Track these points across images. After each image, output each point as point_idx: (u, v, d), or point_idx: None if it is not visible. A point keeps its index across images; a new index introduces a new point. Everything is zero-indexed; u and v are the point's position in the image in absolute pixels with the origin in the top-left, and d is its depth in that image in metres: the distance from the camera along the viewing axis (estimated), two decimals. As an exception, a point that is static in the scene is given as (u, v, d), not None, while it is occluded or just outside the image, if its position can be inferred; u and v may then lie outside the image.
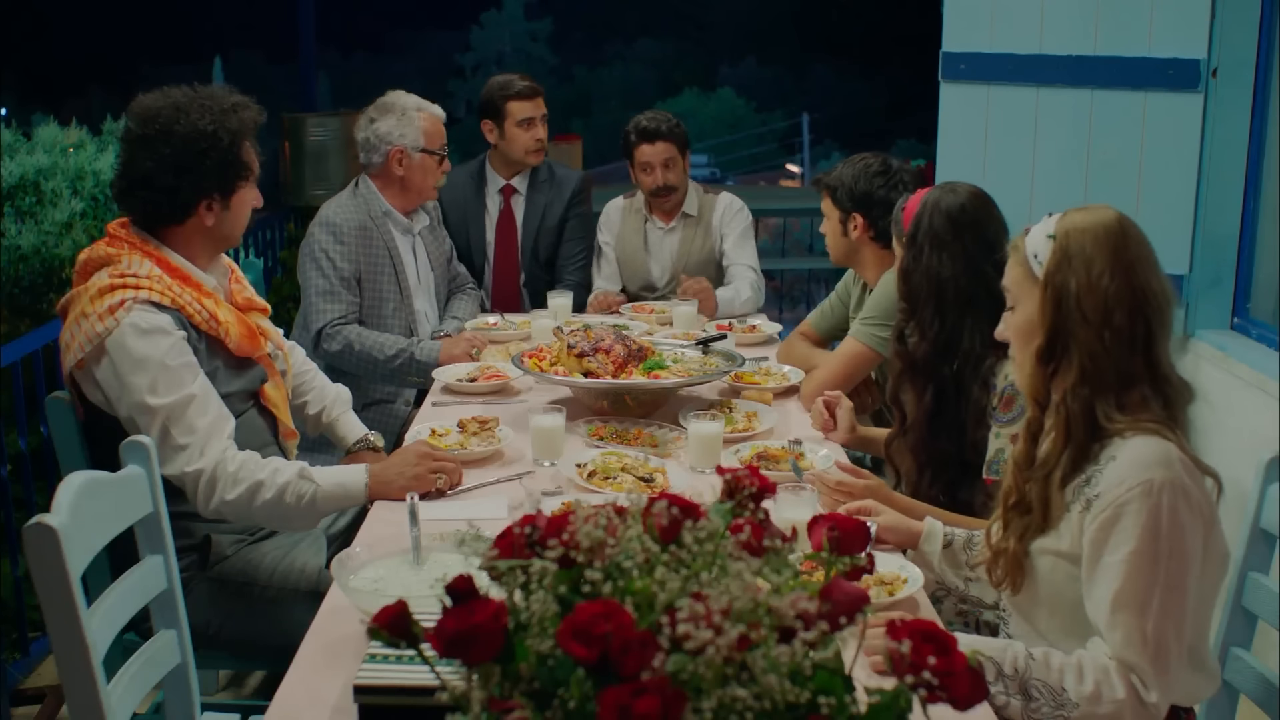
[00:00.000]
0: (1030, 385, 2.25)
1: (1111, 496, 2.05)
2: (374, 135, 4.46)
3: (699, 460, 3.06)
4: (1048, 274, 2.18)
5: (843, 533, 1.54)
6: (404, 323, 4.45)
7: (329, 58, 18.50)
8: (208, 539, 2.95)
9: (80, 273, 2.94)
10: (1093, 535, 2.07)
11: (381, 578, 2.33)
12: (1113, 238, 2.14)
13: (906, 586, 2.37)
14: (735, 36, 44.14)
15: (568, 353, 3.51)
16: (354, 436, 3.52)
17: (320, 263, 4.29)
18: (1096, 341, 2.12)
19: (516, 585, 1.36)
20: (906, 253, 3.04)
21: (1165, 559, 2.01)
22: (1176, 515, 2.02)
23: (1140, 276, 2.13)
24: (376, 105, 4.54)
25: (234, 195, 3.01)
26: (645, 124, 5.03)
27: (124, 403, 2.80)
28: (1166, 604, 2.01)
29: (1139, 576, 2.01)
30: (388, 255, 4.41)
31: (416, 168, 4.47)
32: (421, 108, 4.52)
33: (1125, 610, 2.02)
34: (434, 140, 4.50)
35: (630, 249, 5.21)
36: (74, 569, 2.06)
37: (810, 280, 9.50)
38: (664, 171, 5.01)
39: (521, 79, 5.17)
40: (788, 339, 4.21)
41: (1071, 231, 2.17)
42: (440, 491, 2.92)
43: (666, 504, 1.39)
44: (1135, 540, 2.02)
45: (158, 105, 2.96)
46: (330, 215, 4.37)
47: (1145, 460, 2.06)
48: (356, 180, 4.55)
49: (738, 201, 5.21)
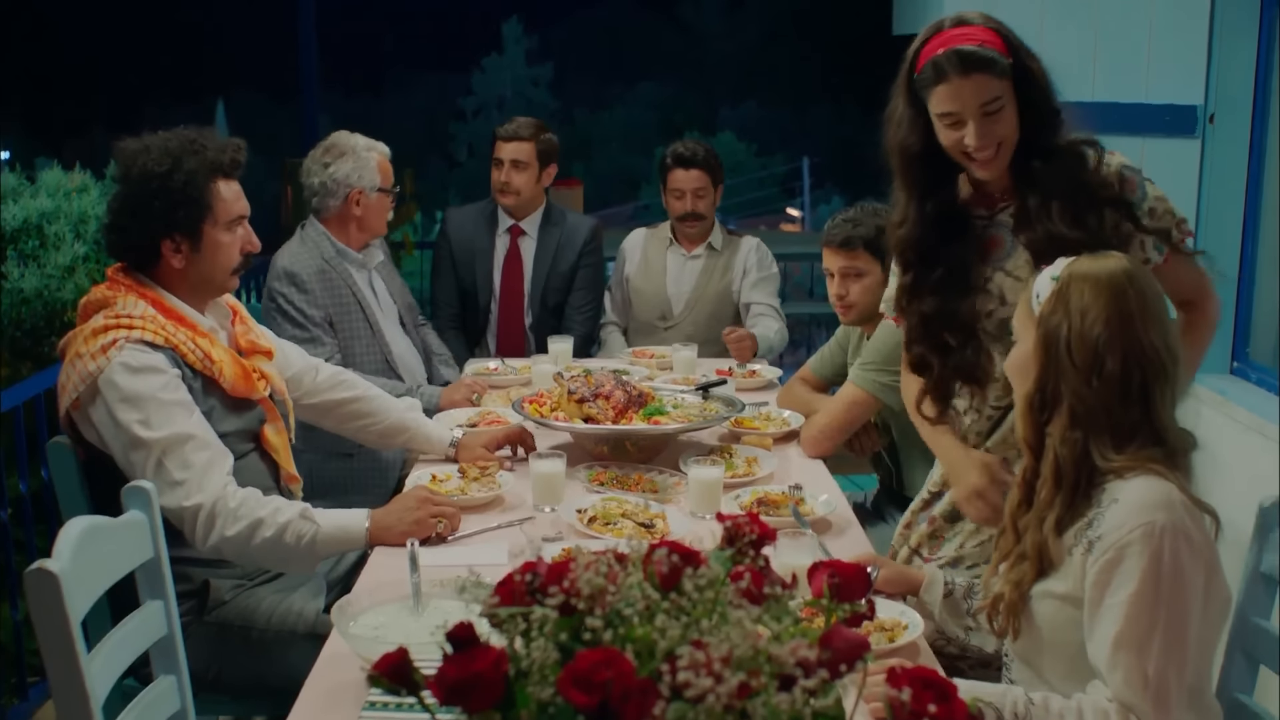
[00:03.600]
0: (1023, 431, 2.25)
1: (1113, 539, 2.04)
2: (330, 180, 4.42)
3: (699, 506, 3.06)
4: (1041, 315, 2.19)
5: (843, 579, 1.54)
6: (378, 357, 4.40)
7: (331, 99, 18.63)
8: (206, 584, 2.95)
9: (81, 316, 2.96)
10: (1095, 577, 2.07)
11: (382, 624, 2.33)
12: (1114, 286, 2.13)
13: (907, 632, 2.36)
14: (735, 80, 44.36)
15: (568, 398, 3.51)
16: (441, 440, 3.59)
17: (290, 314, 4.24)
18: (1084, 386, 2.12)
19: (517, 632, 1.36)
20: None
21: (1166, 601, 2.00)
22: (1178, 558, 2.01)
23: (1137, 329, 2.12)
24: (326, 149, 4.50)
25: (202, 236, 2.98)
26: (681, 150, 5.14)
27: (118, 440, 2.80)
28: (1168, 645, 2.00)
29: (1140, 618, 2.00)
30: (350, 294, 4.37)
31: (374, 206, 4.46)
32: (372, 147, 4.51)
33: (1126, 651, 2.01)
34: (387, 178, 4.51)
35: (650, 273, 5.27)
36: (75, 614, 2.06)
37: (811, 325, 9.52)
38: (694, 199, 5.10)
39: (515, 122, 5.23)
40: (788, 384, 4.21)
41: (1074, 276, 2.17)
42: (441, 537, 2.91)
43: (667, 551, 1.40)
44: (1136, 582, 2.01)
45: (129, 149, 2.98)
46: (287, 265, 4.30)
47: (1147, 502, 2.05)
48: (302, 225, 4.51)
49: (763, 247, 5.26)
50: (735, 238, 5.27)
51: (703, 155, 5.11)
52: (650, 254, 5.29)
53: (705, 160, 5.11)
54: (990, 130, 2.61)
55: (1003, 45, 2.61)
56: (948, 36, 2.61)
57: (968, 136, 2.61)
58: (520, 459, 3.52)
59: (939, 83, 2.61)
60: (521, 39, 44.66)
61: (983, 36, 2.60)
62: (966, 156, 2.68)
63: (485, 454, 3.48)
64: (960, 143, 2.64)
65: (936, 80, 2.61)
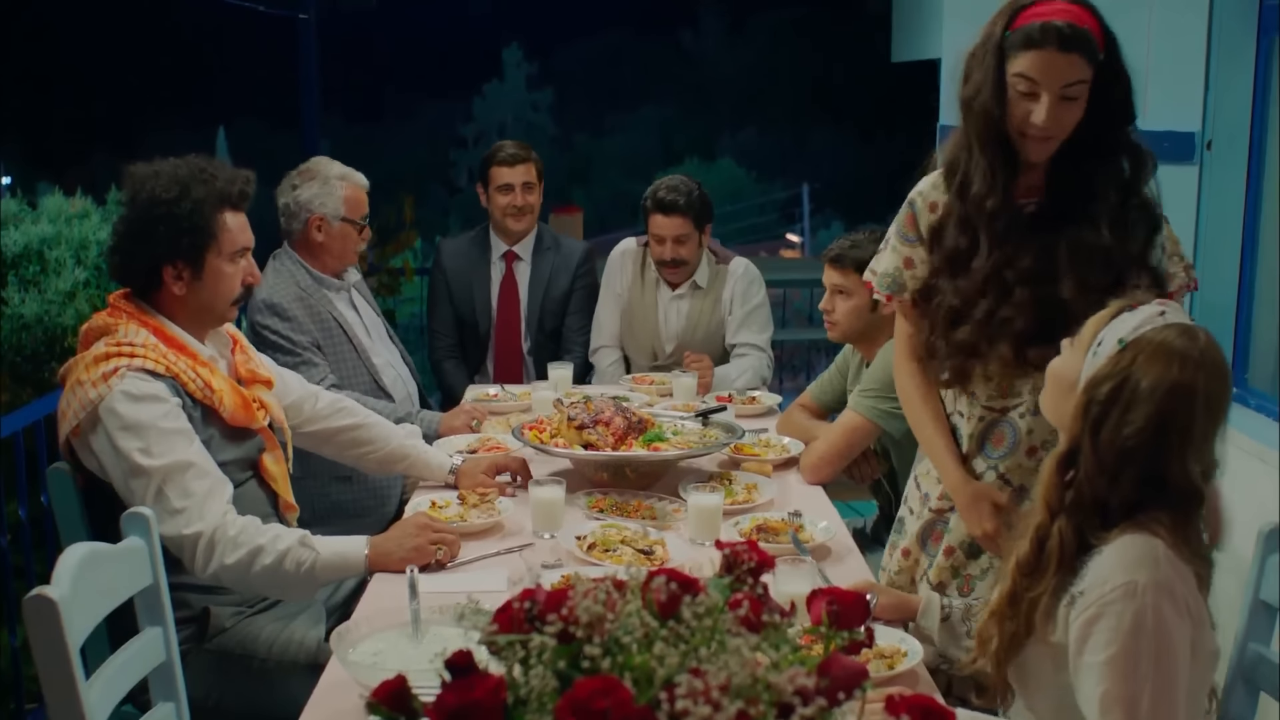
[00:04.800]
0: (1045, 492, 2.13)
1: (1095, 595, 1.98)
2: (294, 202, 4.43)
3: (699, 532, 3.06)
4: (1093, 380, 2.07)
5: (841, 607, 1.55)
6: (365, 378, 4.40)
7: (331, 125, 18.71)
8: (206, 611, 2.94)
9: (82, 343, 2.97)
10: (1077, 631, 2.01)
11: (381, 651, 2.33)
12: (1174, 389, 1.99)
13: (906, 660, 2.36)
14: (736, 106, 44.48)
15: (568, 425, 3.51)
16: (441, 466, 3.59)
17: (278, 343, 4.21)
18: (1101, 477, 2.04)
19: (516, 660, 1.36)
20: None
21: (1153, 658, 1.94)
22: (1161, 614, 1.95)
23: (1173, 450, 2.00)
24: (300, 171, 4.50)
25: (205, 265, 3.00)
26: (662, 194, 4.85)
27: (118, 468, 2.80)
28: (1157, 703, 1.93)
29: (1128, 677, 1.94)
30: (333, 320, 4.37)
31: (336, 235, 4.43)
32: (345, 176, 4.49)
33: (1116, 711, 1.94)
34: (355, 209, 4.47)
35: (642, 308, 5.09)
36: (74, 641, 2.06)
37: (811, 350, 9.52)
38: (674, 246, 4.87)
39: (511, 145, 5.23)
40: (787, 410, 4.21)
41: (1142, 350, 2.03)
42: (440, 564, 2.91)
43: (665, 579, 1.40)
44: (1118, 643, 1.95)
45: (139, 173, 3.00)
46: (267, 297, 4.26)
47: (1129, 560, 1.99)
48: (275, 255, 4.49)
49: (751, 270, 5.08)
50: (722, 266, 5.05)
51: (684, 201, 4.81)
52: (644, 285, 5.09)
53: (688, 205, 4.82)
54: (1062, 114, 2.55)
55: (1100, 34, 2.56)
56: (1054, 8, 2.54)
57: (1038, 112, 2.55)
58: (519, 485, 3.52)
59: (1033, 48, 2.53)
60: (522, 65, 44.77)
61: (1086, 20, 2.54)
62: (1023, 134, 2.61)
63: (485, 480, 3.48)
64: (1028, 116, 2.57)
65: (1032, 45, 2.53)
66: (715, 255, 5.11)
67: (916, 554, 2.96)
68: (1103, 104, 2.59)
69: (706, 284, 5.04)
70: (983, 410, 2.80)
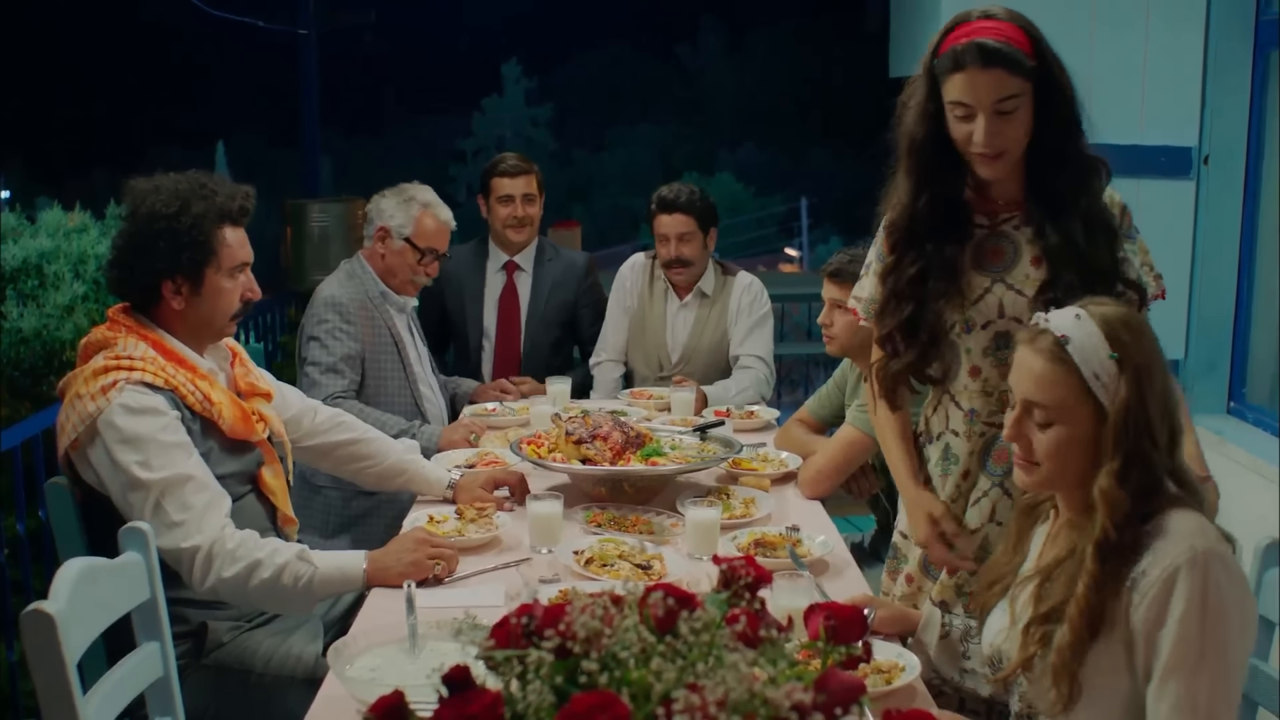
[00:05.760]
0: (1114, 510, 2.09)
1: (1158, 573, 2.00)
2: (374, 209, 4.56)
3: (697, 547, 3.05)
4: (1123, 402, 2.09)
5: (839, 622, 1.55)
6: (408, 401, 4.45)
7: (330, 140, 18.67)
8: (204, 626, 2.94)
9: (81, 356, 2.97)
10: (1144, 613, 2.01)
11: (378, 666, 2.32)
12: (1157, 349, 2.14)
13: (904, 674, 2.35)
14: (734, 121, 44.50)
15: (565, 439, 3.51)
16: (439, 481, 3.59)
17: (325, 341, 4.30)
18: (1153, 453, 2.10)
19: (513, 675, 1.36)
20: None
21: (1212, 626, 1.96)
22: (1219, 582, 1.98)
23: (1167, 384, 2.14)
24: (395, 186, 4.63)
25: (204, 280, 3.00)
26: (665, 194, 4.96)
27: (116, 481, 2.80)
28: (1215, 673, 1.95)
29: (1189, 642, 1.96)
30: (389, 335, 4.44)
31: (395, 252, 4.49)
32: (428, 204, 4.56)
33: (1175, 678, 1.96)
34: (422, 236, 4.52)
35: (650, 318, 5.13)
36: (71, 656, 2.06)
37: (809, 365, 9.51)
38: (678, 244, 4.93)
39: (513, 157, 5.27)
40: (785, 425, 4.21)
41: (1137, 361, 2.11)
42: (438, 579, 2.91)
43: (663, 594, 1.40)
44: (1184, 605, 1.97)
45: (139, 188, 3.01)
46: (335, 294, 4.40)
47: (1184, 531, 2.02)
48: (349, 259, 4.60)
49: (757, 284, 5.12)
50: (729, 277, 5.11)
51: (686, 199, 4.92)
52: (654, 294, 5.14)
53: (690, 204, 4.91)
54: (1000, 129, 2.56)
55: (1029, 45, 2.55)
56: (973, 28, 2.55)
57: (976, 132, 2.56)
58: (517, 500, 3.52)
59: (956, 71, 2.55)
60: (521, 80, 44.77)
61: (1009, 33, 2.54)
62: (972, 155, 2.63)
63: (483, 495, 3.48)
64: (969, 137, 2.58)
65: (954, 68, 2.55)
66: (722, 268, 5.17)
67: (920, 580, 2.93)
68: (1046, 111, 2.60)
69: (713, 293, 5.07)
70: (983, 426, 2.79)
